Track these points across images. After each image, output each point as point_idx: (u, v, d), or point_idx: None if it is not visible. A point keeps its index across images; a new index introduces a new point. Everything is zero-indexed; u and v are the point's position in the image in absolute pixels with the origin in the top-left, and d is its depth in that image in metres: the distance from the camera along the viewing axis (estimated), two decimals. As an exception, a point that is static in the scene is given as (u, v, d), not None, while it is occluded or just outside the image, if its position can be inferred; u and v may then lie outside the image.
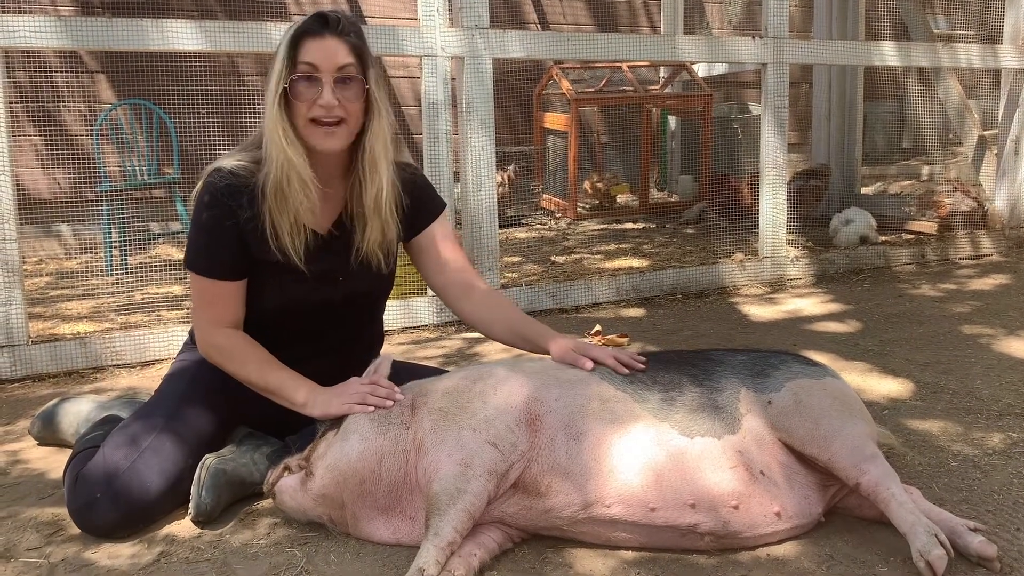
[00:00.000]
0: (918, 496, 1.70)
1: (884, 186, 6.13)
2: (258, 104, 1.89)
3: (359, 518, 1.69)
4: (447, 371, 2.09)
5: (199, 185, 1.87)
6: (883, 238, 4.70)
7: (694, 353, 1.90)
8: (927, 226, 4.82)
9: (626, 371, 1.76)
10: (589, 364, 1.77)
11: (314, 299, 1.93)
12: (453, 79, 3.45)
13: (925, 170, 6.38)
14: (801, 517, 1.65)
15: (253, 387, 1.87)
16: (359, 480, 1.65)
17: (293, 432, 2.01)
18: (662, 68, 6.86)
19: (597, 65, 6.53)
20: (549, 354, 1.86)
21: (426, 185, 2.06)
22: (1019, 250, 4.64)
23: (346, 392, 1.77)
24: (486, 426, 1.63)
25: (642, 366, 1.78)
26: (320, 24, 1.79)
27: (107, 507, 1.74)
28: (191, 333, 2.12)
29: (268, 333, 1.94)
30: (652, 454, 1.62)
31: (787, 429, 1.70)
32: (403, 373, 1.91)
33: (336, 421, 1.76)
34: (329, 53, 1.77)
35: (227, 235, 1.83)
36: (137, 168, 4.95)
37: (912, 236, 4.80)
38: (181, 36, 2.97)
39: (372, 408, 1.73)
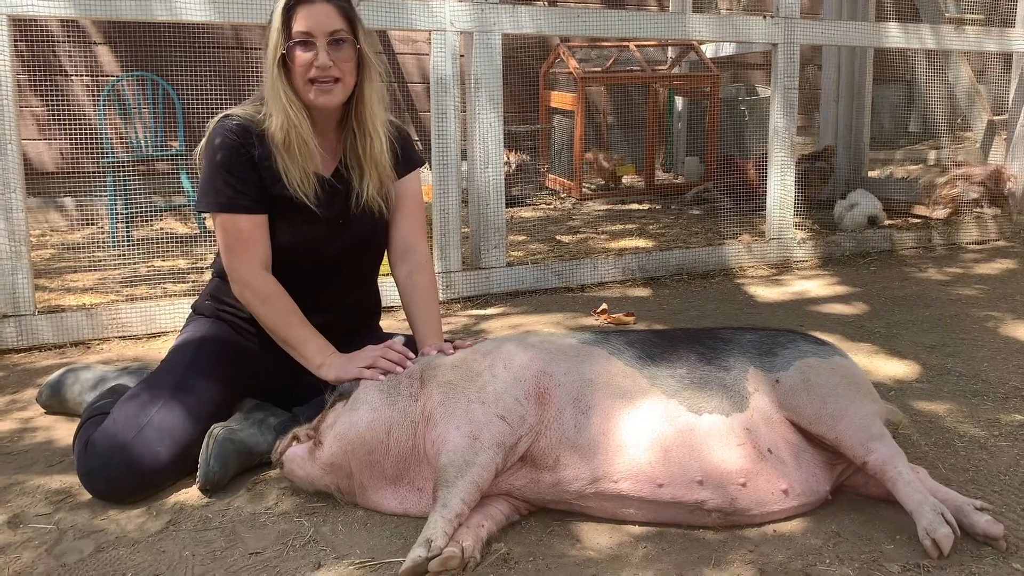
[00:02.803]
0: (925, 475, 1.70)
1: (892, 170, 6.10)
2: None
3: (367, 488, 1.70)
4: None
5: (207, 134, 1.94)
6: (889, 222, 4.69)
7: (702, 331, 1.89)
8: (934, 210, 4.80)
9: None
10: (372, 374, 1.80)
11: (321, 240, 1.99)
12: (461, 55, 3.43)
13: (932, 154, 6.35)
14: (808, 495, 1.66)
15: (275, 336, 1.92)
16: (367, 450, 1.66)
17: (300, 403, 2.02)
18: (670, 48, 6.81)
19: (604, 44, 6.49)
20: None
21: (408, 138, 2.15)
22: (1026, 235, 4.63)
23: (359, 357, 1.82)
24: (495, 399, 1.63)
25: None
26: None
27: (117, 473, 1.75)
28: (194, 307, 2.13)
29: (276, 275, 1.97)
30: (660, 430, 1.62)
31: (795, 408, 1.70)
32: (409, 345, 1.91)
33: (345, 392, 1.76)
34: (321, 19, 1.87)
35: (245, 168, 1.90)
36: (142, 141, 4.93)
37: (919, 220, 4.78)
38: (188, 7, 2.94)
39: (382, 374, 1.76)
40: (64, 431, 2.16)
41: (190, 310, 2.16)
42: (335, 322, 2.07)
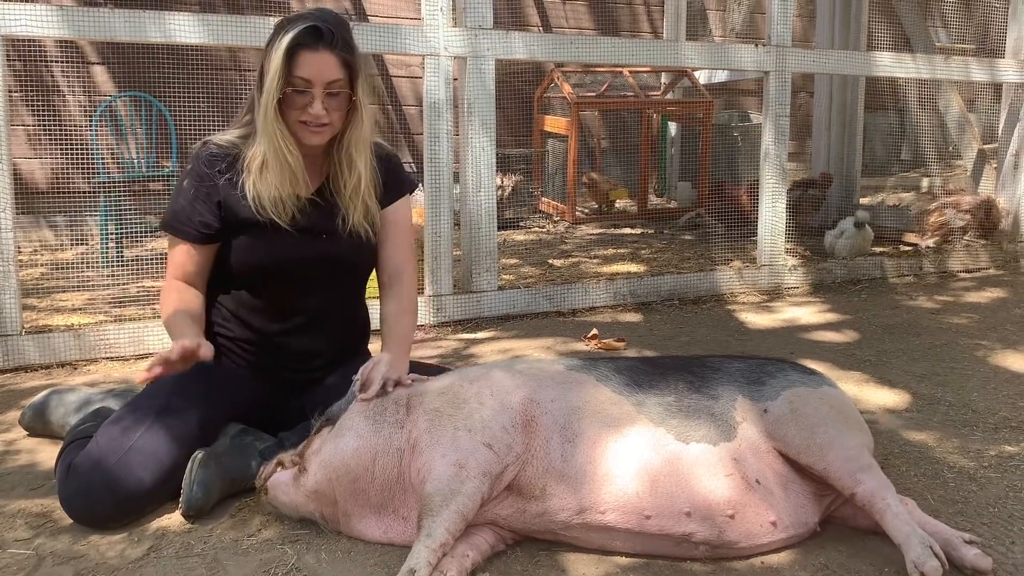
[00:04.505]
0: (913, 507, 1.69)
1: (883, 197, 6.13)
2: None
3: (351, 516, 1.68)
4: (442, 368, 2.09)
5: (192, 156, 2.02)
6: (880, 249, 4.71)
7: (691, 359, 1.89)
8: (924, 238, 4.82)
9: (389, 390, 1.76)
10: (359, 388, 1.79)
11: (298, 253, 1.98)
12: (455, 79, 3.44)
13: (924, 182, 6.39)
14: (797, 527, 1.64)
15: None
16: (352, 478, 1.64)
17: (286, 428, 2.00)
18: (663, 74, 6.86)
19: (598, 69, 6.53)
20: None
21: (397, 164, 2.16)
22: (1016, 264, 4.64)
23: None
24: (482, 427, 1.61)
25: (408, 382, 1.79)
26: (315, 38, 1.87)
27: (98, 498, 1.73)
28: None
29: (256, 293, 2.00)
30: (648, 459, 1.61)
31: (783, 438, 1.69)
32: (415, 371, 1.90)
33: (331, 417, 1.75)
34: (321, 68, 1.88)
35: (200, 202, 1.95)
36: (135, 160, 4.93)
37: (909, 248, 4.80)
38: (182, 29, 2.95)
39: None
40: (47, 454, 2.14)
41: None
42: (322, 344, 2.07)
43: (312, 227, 1.99)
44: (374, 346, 2.34)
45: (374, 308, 2.26)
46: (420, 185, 4.42)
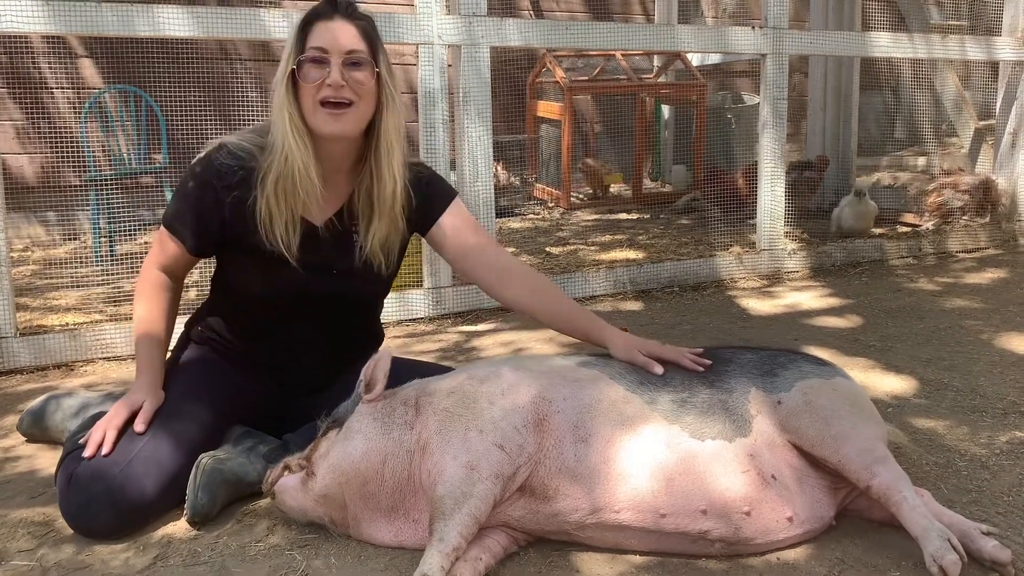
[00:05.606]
0: (929, 499, 1.67)
1: (879, 176, 6.11)
2: (249, 92, 1.90)
3: (361, 520, 1.65)
4: (448, 367, 2.06)
5: (199, 156, 1.87)
6: (879, 230, 4.69)
7: (702, 351, 1.86)
8: (923, 219, 4.80)
9: (700, 369, 1.74)
10: (659, 369, 1.73)
11: (304, 290, 1.90)
12: (449, 65, 3.39)
13: (921, 161, 6.37)
14: (813, 521, 1.62)
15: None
16: (362, 481, 1.61)
17: (291, 430, 1.97)
18: (656, 57, 6.81)
19: (591, 53, 6.48)
20: (606, 348, 1.84)
21: (434, 177, 2.03)
22: (1015, 243, 4.63)
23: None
24: (493, 428, 1.58)
25: (708, 362, 1.77)
26: (330, 7, 1.79)
27: (102, 509, 1.69)
28: (185, 327, 2.08)
29: (260, 318, 1.94)
30: (663, 457, 1.58)
31: (797, 430, 1.67)
32: (403, 370, 1.86)
33: (339, 419, 1.71)
34: (338, 35, 1.77)
35: (199, 211, 1.84)
36: (125, 155, 4.86)
37: (908, 228, 4.78)
38: (171, 23, 2.89)
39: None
40: (47, 460, 2.10)
41: (181, 331, 2.10)
42: (334, 357, 2.03)
43: (322, 263, 1.88)
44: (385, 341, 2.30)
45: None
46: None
